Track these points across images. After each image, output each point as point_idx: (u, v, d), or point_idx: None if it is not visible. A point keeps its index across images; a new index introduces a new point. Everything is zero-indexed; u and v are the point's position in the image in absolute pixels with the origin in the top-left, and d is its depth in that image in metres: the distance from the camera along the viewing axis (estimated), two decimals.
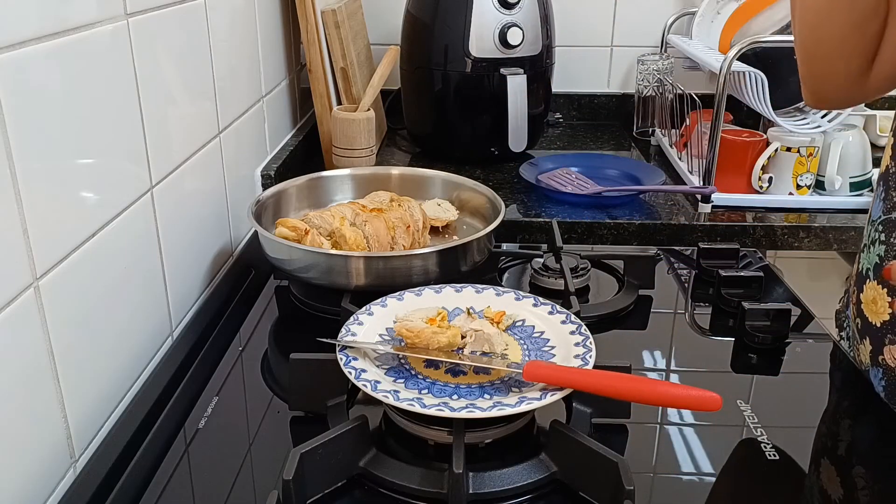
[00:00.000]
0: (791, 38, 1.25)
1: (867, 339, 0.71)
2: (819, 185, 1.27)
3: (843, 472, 0.64)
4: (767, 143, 1.25)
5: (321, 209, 0.97)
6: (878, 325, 0.69)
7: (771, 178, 1.24)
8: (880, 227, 0.70)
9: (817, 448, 0.67)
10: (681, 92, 1.36)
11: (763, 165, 1.24)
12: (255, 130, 1.13)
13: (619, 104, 1.72)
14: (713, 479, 0.63)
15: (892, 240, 0.68)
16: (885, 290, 0.68)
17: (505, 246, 1.07)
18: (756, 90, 1.21)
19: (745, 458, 0.64)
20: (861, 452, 0.66)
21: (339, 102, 1.35)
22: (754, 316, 0.80)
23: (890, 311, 0.68)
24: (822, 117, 1.27)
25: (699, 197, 1.21)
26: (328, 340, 0.67)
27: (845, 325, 0.79)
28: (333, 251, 0.85)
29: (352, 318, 0.72)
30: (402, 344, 0.68)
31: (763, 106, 1.21)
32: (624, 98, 1.72)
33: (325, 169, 1.15)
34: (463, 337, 0.68)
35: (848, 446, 0.67)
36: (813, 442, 0.68)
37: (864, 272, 0.72)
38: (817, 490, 0.62)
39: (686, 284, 0.97)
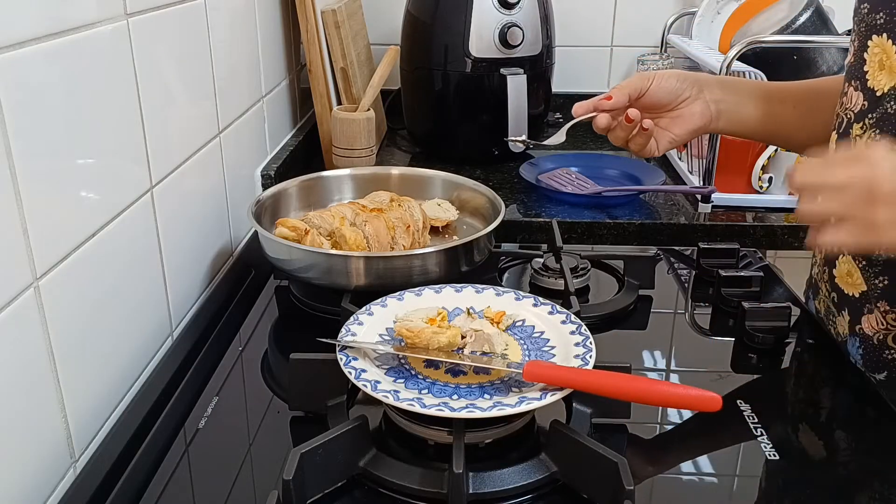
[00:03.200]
0: (791, 38, 1.26)
1: (845, 310, 0.76)
2: None
3: (844, 471, 0.64)
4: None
5: (321, 209, 0.97)
6: (857, 295, 0.74)
7: (771, 178, 1.24)
8: None
9: (817, 448, 0.67)
10: None
11: (763, 165, 1.24)
12: (255, 130, 1.13)
13: None
14: (713, 479, 0.63)
15: None
16: (855, 262, 0.74)
17: (505, 246, 1.07)
18: None
19: (745, 458, 0.64)
20: (862, 452, 0.66)
21: (339, 102, 1.35)
22: (754, 316, 0.80)
23: (864, 282, 0.72)
24: None
25: (699, 197, 1.21)
26: (328, 340, 0.67)
27: (818, 303, 0.84)
28: (333, 251, 0.85)
29: (352, 318, 0.72)
30: (402, 344, 0.68)
31: None
32: None
33: (325, 169, 1.15)
34: (463, 337, 0.68)
35: (848, 445, 0.67)
36: (813, 442, 0.68)
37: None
38: (818, 490, 0.62)
39: (686, 284, 0.97)
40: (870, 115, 0.71)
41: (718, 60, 1.22)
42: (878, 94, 0.69)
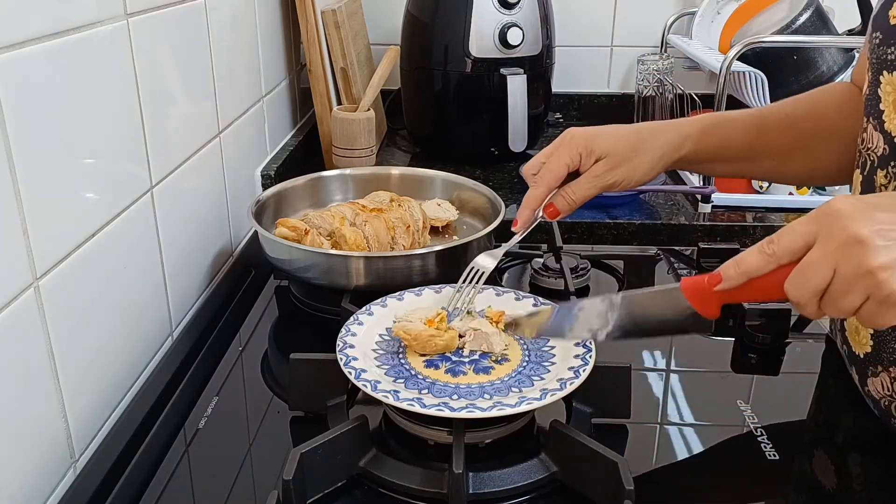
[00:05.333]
0: (791, 38, 1.26)
1: (854, 367, 0.70)
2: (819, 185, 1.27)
3: (843, 471, 0.64)
4: None
5: (321, 209, 0.97)
6: (862, 356, 0.67)
7: None
8: None
9: (817, 448, 0.67)
10: (681, 92, 1.36)
11: None
12: (255, 130, 1.13)
13: (619, 104, 1.72)
14: (713, 478, 0.63)
15: None
16: None
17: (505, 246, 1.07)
18: (756, 90, 1.22)
19: (745, 458, 0.64)
20: (860, 451, 0.66)
21: (339, 102, 1.35)
22: (754, 316, 0.80)
23: (871, 342, 0.66)
24: None
25: (699, 197, 1.21)
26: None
27: (839, 345, 0.77)
28: (333, 251, 0.85)
29: (352, 318, 0.72)
30: (402, 345, 0.68)
31: (763, 106, 1.21)
32: (624, 98, 1.72)
33: (325, 169, 1.15)
34: (461, 336, 0.68)
35: (847, 446, 0.67)
36: (813, 442, 0.68)
37: None
38: (817, 490, 0.62)
39: None
40: (892, 163, 0.62)
41: (718, 60, 1.22)
42: None
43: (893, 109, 0.62)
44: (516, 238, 0.77)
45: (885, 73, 0.62)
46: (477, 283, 0.74)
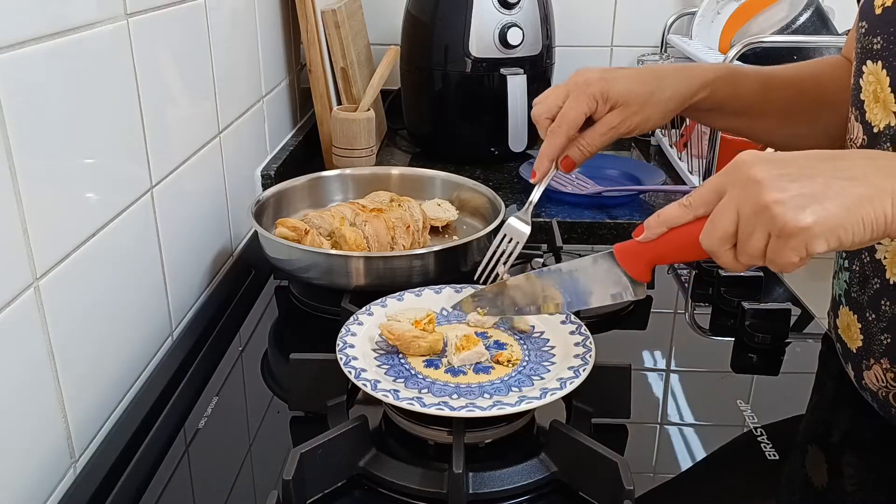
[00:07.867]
0: (791, 38, 1.26)
1: (849, 364, 0.71)
2: None
3: (842, 470, 0.64)
4: None
5: (321, 209, 0.97)
6: (855, 350, 0.68)
7: None
8: (844, 254, 0.70)
9: (817, 448, 0.67)
10: None
11: None
12: (255, 130, 1.13)
13: None
14: (713, 479, 0.63)
15: (854, 267, 0.68)
16: (856, 315, 0.68)
17: None
18: None
19: (745, 458, 0.64)
20: (859, 450, 0.66)
21: (339, 102, 1.35)
22: (754, 316, 0.80)
23: (861, 337, 0.67)
24: None
25: None
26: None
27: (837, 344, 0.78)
28: (333, 251, 0.85)
29: (352, 318, 0.72)
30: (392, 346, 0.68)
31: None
32: None
33: (325, 169, 1.15)
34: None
35: (846, 445, 0.67)
36: (813, 441, 0.68)
37: (837, 298, 0.72)
38: (818, 489, 0.62)
39: (686, 284, 0.97)
40: None
41: (718, 60, 1.22)
42: (875, 130, 0.62)
43: (874, 99, 0.62)
44: (538, 190, 0.78)
45: (868, 62, 0.63)
46: (511, 256, 0.78)
